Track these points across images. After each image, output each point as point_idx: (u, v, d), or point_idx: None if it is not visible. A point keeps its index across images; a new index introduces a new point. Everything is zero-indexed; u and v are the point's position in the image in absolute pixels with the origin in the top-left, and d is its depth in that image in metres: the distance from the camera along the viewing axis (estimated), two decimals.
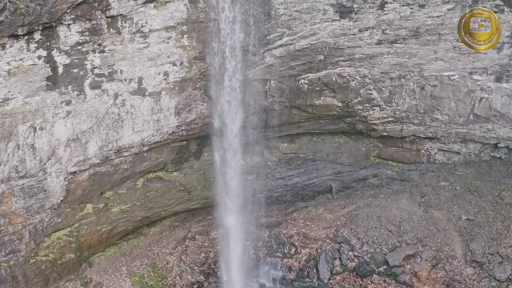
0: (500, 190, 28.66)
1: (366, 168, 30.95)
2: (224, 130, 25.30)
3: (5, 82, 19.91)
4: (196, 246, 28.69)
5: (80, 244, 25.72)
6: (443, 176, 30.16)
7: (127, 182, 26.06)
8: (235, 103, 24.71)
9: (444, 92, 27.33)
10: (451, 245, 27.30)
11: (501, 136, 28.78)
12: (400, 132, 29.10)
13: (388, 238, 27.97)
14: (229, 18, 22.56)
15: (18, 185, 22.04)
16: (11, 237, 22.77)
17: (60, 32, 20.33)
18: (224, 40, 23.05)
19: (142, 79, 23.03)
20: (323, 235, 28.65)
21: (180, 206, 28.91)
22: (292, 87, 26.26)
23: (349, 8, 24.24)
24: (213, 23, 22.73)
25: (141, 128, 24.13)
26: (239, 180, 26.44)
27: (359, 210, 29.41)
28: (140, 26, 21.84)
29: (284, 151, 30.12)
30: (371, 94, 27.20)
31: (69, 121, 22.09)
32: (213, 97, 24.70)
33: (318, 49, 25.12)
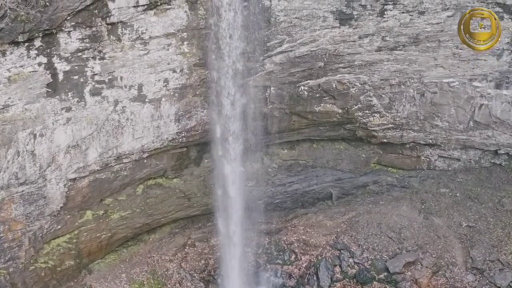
0: (500, 197, 28.64)
1: (366, 175, 30.94)
2: (224, 137, 25.27)
3: (5, 89, 19.93)
4: (196, 253, 28.62)
5: (79, 251, 25.68)
6: (443, 183, 30.15)
7: (127, 188, 26.03)
8: (235, 110, 24.70)
9: (444, 99, 27.35)
10: (451, 252, 27.23)
11: (501, 142, 28.78)
12: (400, 139, 29.11)
13: (388, 245, 27.90)
14: (229, 25, 22.58)
15: (18, 192, 22.02)
16: (11, 244, 22.74)
17: (61, 39, 20.37)
18: (224, 47, 23.08)
19: (142, 86, 23.05)
20: (323, 242, 28.59)
21: (180, 213, 28.88)
22: (292, 94, 26.29)
23: (349, 15, 24.29)
24: (213, 30, 22.76)
25: (141, 135, 24.13)
26: (239, 187, 26.39)
27: (359, 216, 29.35)
28: (140, 33, 21.87)
29: (284, 158, 30.11)
30: (371, 101, 27.21)
31: (69, 127, 22.10)
32: (213, 104, 24.71)
33: (318, 56, 25.16)
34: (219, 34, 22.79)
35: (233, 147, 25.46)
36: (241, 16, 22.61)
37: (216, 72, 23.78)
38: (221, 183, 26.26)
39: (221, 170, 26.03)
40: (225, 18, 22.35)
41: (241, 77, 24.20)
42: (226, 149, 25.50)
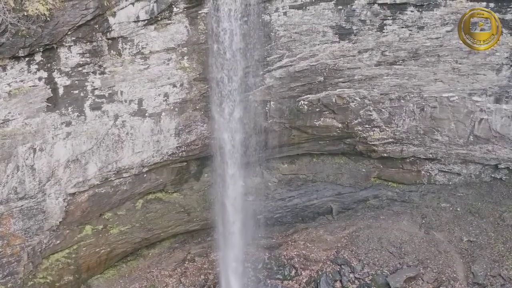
0: (501, 212, 28.55)
1: (366, 189, 30.88)
2: (224, 151, 25.26)
3: (5, 103, 19.97)
4: (196, 268, 28.47)
5: (78, 266, 25.53)
6: (444, 197, 30.08)
7: (126, 203, 25.96)
8: (235, 124, 24.72)
9: (443, 113, 27.38)
10: (452, 267, 27.07)
11: (502, 157, 28.74)
12: (400, 153, 29.09)
13: (389, 260, 27.75)
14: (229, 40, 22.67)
15: (17, 207, 21.97)
16: (9, 259, 22.62)
17: (61, 53, 20.46)
18: (224, 62, 23.15)
19: (142, 100, 23.09)
20: (324, 257, 28.44)
21: (179, 228, 28.78)
22: (292, 108, 26.33)
23: (348, 30, 24.40)
24: (213, 45, 22.85)
25: (141, 149, 24.12)
26: (239, 201, 26.32)
27: (360, 231, 29.24)
28: (140, 48, 21.97)
29: (284, 172, 30.07)
30: (371, 115, 27.24)
31: (69, 142, 22.10)
32: (213, 118, 24.73)
33: (317, 70, 25.23)
34: (218, 49, 22.87)
35: (233, 161, 25.43)
36: (241, 31, 22.71)
37: (216, 87, 23.82)
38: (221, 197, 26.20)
39: (221, 185, 25.98)
40: (225, 33, 22.43)
41: (241, 92, 24.26)
42: (226, 163, 25.46)
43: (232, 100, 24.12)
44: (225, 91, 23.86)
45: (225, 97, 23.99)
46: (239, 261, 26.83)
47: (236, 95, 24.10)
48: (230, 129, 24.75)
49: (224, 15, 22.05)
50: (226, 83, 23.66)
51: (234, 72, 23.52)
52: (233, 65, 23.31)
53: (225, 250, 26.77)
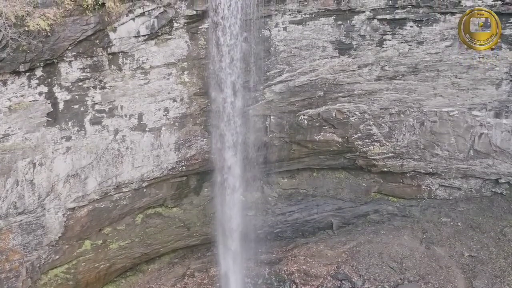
0: (502, 226, 28.44)
1: (367, 204, 30.81)
2: (224, 166, 25.24)
3: (5, 118, 19.99)
4: (195, 283, 28.29)
5: (77, 281, 25.39)
6: (445, 212, 29.98)
7: (126, 218, 25.88)
8: (235, 139, 24.73)
9: (443, 128, 27.40)
10: (453, 282, 26.89)
11: (502, 171, 28.71)
12: (401, 168, 29.06)
13: (390, 275, 27.59)
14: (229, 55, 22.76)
15: (16, 222, 21.90)
16: (8, 275, 22.49)
17: (62, 68, 20.53)
18: (224, 77, 23.21)
19: (142, 115, 23.13)
20: (324, 272, 28.27)
21: (179, 243, 28.67)
22: (292, 123, 26.36)
23: (348, 45, 24.51)
24: (213, 60, 22.93)
25: (141, 164, 24.10)
26: (239, 216, 26.25)
27: (360, 246, 29.10)
28: (141, 63, 22.05)
29: (284, 187, 30.03)
30: (371, 130, 27.26)
31: (69, 157, 22.09)
32: (213, 133, 24.75)
33: (317, 85, 25.31)
34: (218, 64, 22.95)
35: (233, 176, 25.40)
36: (241, 46, 22.80)
37: (216, 101, 23.86)
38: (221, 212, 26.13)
39: (221, 200, 25.93)
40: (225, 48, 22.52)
41: (241, 106, 24.29)
42: (226, 178, 25.44)
43: (232, 114, 24.14)
44: (224, 106, 23.88)
45: (225, 111, 24.01)
46: (239, 276, 26.70)
47: (236, 110, 24.13)
48: (230, 144, 24.74)
49: (225, 30, 22.15)
50: (225, 97, 23.69)
51: (234, 87, 23.57)
52: (233, 80, 23.37)
53: (225, 266, 26.64)
